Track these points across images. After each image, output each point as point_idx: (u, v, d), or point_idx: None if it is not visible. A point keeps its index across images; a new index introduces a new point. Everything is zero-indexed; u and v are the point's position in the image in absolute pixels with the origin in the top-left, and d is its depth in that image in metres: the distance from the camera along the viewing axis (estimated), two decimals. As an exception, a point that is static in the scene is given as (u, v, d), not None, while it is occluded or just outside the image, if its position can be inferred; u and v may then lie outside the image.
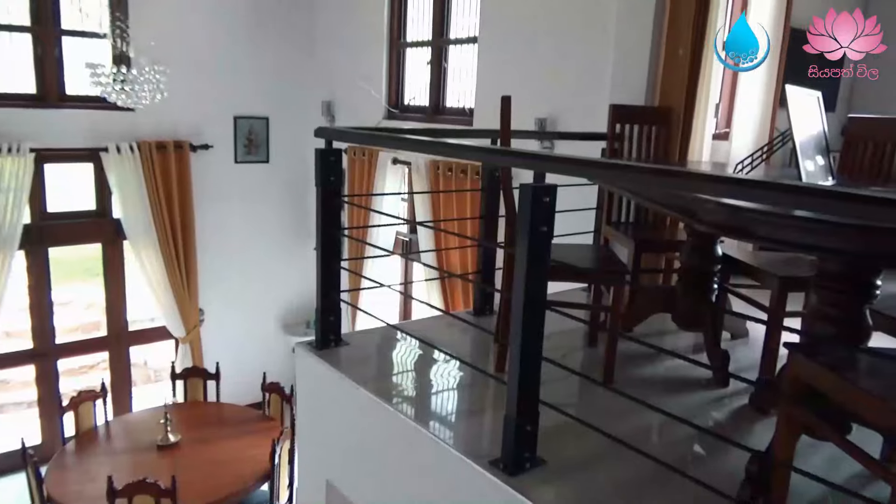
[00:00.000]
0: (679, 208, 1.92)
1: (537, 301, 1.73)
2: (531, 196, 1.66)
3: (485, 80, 4.66)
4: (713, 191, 1.49)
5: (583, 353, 2.86)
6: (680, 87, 3.53)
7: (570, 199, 3.27)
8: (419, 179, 5.23)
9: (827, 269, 1.85)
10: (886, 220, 1.29)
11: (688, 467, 1.96)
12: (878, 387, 1.47)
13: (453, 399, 2.50)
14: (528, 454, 1.82)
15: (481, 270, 3.09)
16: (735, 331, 3.04)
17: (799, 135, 2.03)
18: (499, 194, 2.74)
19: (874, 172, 2.66)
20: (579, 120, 3.93)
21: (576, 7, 3.99)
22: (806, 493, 1.81)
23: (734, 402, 2.43)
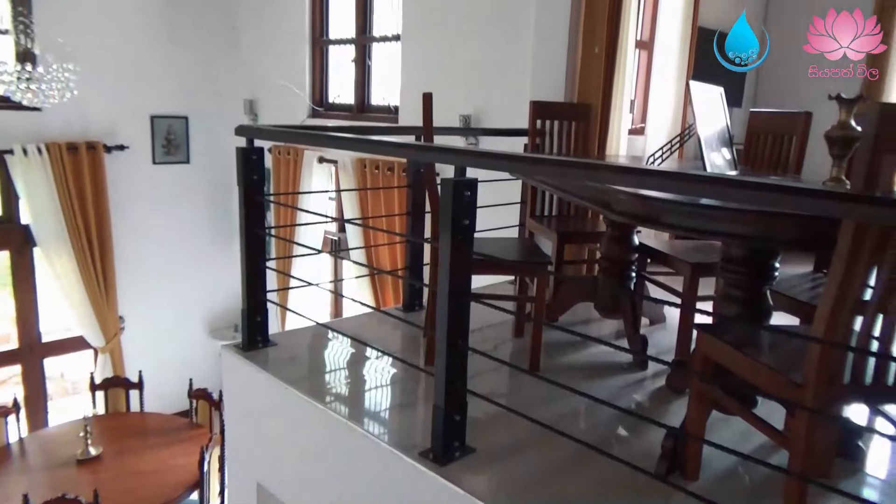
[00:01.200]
0: (595, 200, 2.00)
1: (461, 293, 1.77)
2: (452, 190, 1.69)
3: (409, 78, 4.68)
4: (621, 181, 1.57)
5: (511, 343, 2.93)
6: (597, 83, 3.66)
7: (495, 194, 3.35)
8: (346, 177, 5.20)
9: (730, 254, 1.97)
10: (780, 205, 1.39)
11: (610, 447, 2.05)
12: (776, 360, 1.58)
13: (385, 394, 2.52)
14: (458, 443, 1.86)
15: (410, 266, 3.11)
16: (653, 316, 3.18)
17: (703, 128, 2.15)
18: (425, 190, 2.77)
19: (773, 163, 2.85)
20: (503, 116, 4.01)
21: (496, 6, 4.06)
22: (718, 465, 1.93)
23: (653, 384, 2.55)
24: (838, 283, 1.33)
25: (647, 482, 1.75)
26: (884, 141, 1.27)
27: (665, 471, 1.81)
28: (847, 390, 1.44)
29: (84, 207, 5.75)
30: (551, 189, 2.44)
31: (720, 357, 1.71)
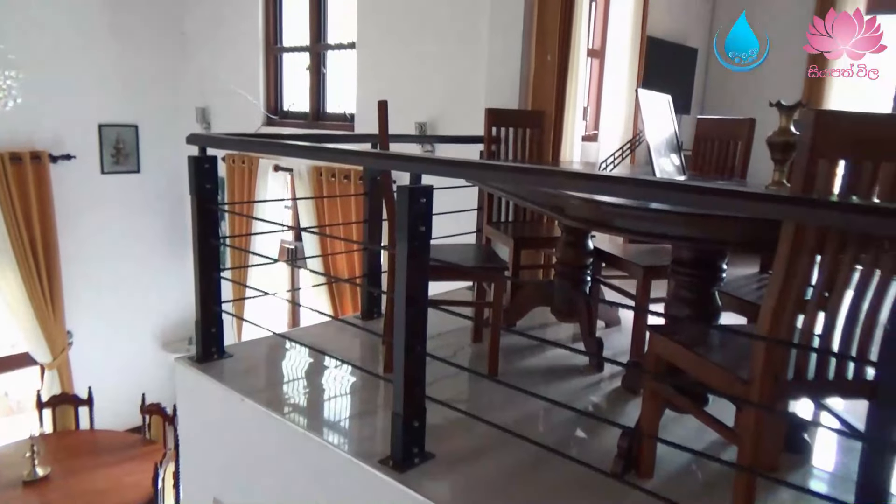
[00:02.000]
0: (549, 205, 2.03)
1: (418, 300, 1.77)
2: (408, 197, 1.70)
3: (365, 86, 4.68)
4: (572, 187, 1.60)
5: (470, 348, 2.94)
6: (550, 91, 3.72)
7: (452, 201, 3.37)
8: (302, 186, 5.16)
9: (680, 256, 2.03)
10: (723, 208, 1.44)
11: (569, 448, 2.08)
12: (724, 359, 1.63)
13: (344, 403, 2.50)
14: (417, 449, 1.86)
15: (367, 274, 3.11)
16: (609, 319, 3.24)
17: (652, 135, 2.21)
18: (381, 198, 2.77)
19: (720, 167, 2.94)
20: (459, 124, 4.04)
21: (451, 14, 4.10)
22: (672, 462, 1.97)
23: (609, 385, 2.60)
24: (780, 283, 1.39)
25: (604, 482, 1.78)
26: (819, 146, 1.33)
27: (621, 470, 1.85)
28: (791, 386, 1.50)
29: (29, 219, 5.56)
30: (507, 195, 2.47)
31: (672, 357, 1.76)
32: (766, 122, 2.45)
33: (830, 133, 1.34)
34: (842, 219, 1.14)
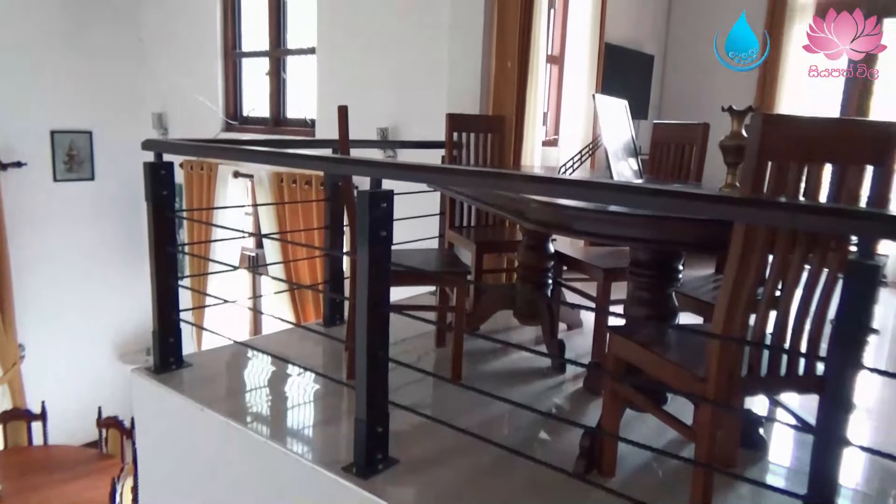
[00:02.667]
0: (510, 209, 2.04)
1: (380, 305, 1.77)
2: (368, 202, 1.70)
3: (326, 91, 4.65)
4: (531, 190, 1.62)
5: (434, 353, 2.95)
6: (510, 96, 3.76)
7: (414, 206, 3.38)
8: (263, 192, 5.10)
9: (638, 258, 2.07)
10: (674, 210, 1.48)
11: (532, 449, 2.10)
12: (681, 357, 1.67)
13: (307, 411, 2.47)
14: (381, 455, 1.85)
15: (329, 280, 3.08)
16: (570, 321, 3.28)
17: (609, 139, 2.25)
18: (343, 204, 2.76)
19: (676, 171, 3.00)
20: (421, 129, 4.05)
21: (411, 21, 4.11)
22: (633, 461, 2.01)
23: (571, 386, 2.62)
24: (732, 283, 1.42)
25: (567, 481, 1.80)
26: (767, 149, 1.37)
27: (583, 469, 1.87)
28: (745, 382, 1.54)
29: (-24, 229, 5.37)
30: (468, 200, 2.48)
31: (631, 357, 1.79)
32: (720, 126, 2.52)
33: (777, 136, 1.39)
34: (788, 219, 1.18)
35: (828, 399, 1.17)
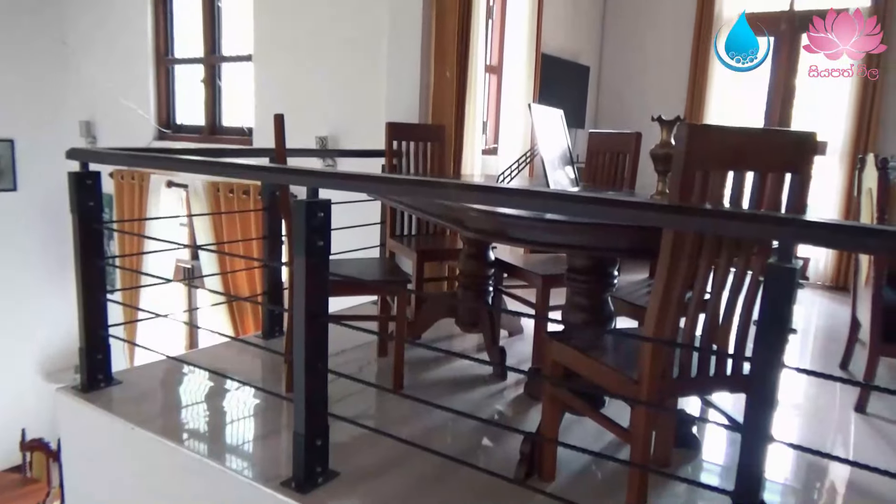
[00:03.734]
0: (449, 218, 2.05)
1: (319, 315, 1.74)
2: (305, 212, 1.67)
3: (263, 99, 4.58)
4: (465, 198, 1.63)
5: (376, 363, 2.92)
6: (450, 106, 3.78)
7: (355, 215, 3.35)
8: (198, 202, 4.97)
9: (574, 264, 2.11)
10: (602, 217, 1.51)
11: (475, 457, 2.10)
12: (616, 361, 1.71)
13: (245, 426, 2.41)
14: (321, 469, 1.82)
15: (268, 291, 3.02)
16: (512, 328, 3.31)
17: (545, 148, 2.29)
18: (280, 214, 2.71)
19: (611, 179, 3.08)
20: (361, 138, 4.03)
21: (350, 29, 4.09)
22: (573, 464, 2.04)
23: (513, 393, 2.65)
24: (662, 287, 1.47)
25: (508, 487, 1.81)
26: (693, 158, 1.42)
27: (524, 474, 1.89)
28: (677, 383, 1.59)
29: None
30: (408, 209, 2.48)
31: (568, 361, 1.82)
32: (652, 135, 2.60)
33: (702, 146, 1.44)
34: (711, 225, 1.22)
35: (752, 397, 1.22)
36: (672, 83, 5.52)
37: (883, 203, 2.78)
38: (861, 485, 2.10)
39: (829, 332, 3.85)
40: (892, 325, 2.57)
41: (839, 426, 2.60)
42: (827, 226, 1.09)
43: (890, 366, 3.18)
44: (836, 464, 2.18)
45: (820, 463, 2.20)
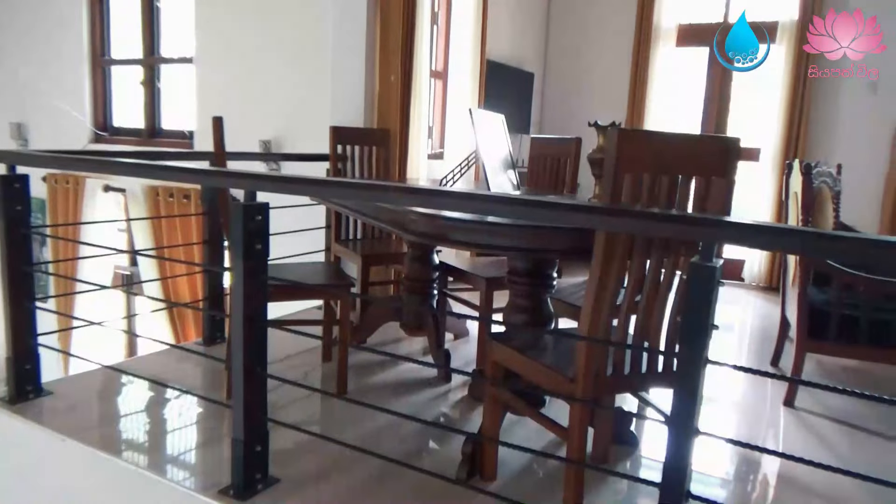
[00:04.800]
0: (391, 221, 2.05)
1: (257, 320, 1.73)
2: (242, 215, 1.66)
3: (205, 102, 4.48)
4: (404, 202, 1.65)
5: (321, 368, 2.90)
6: (395, 110, 3.80)
7: (302, 219, 3.33)
8: (137, 207, 4.83)
9: (515, 266, 2.14)
10: (542, 219, 1.55)
11: (420, 459, 2.11)
12: (554, 360, 1.74)
13: (185, 435, 2.36)
14: (260, 475, 1.80)
15: (209, 297, 2.97)
16: (457, 331, 3.34)
17: (486, 153, 2.32)
18: (220, 218, 2.67)
19: (553, 183, 3.14)
20: (306, 142, 3.99)
21: (293, 32, 4.05)
22: (514, 463, 2.07)
23: (457, 395, 2.67)
24: (595, 287, 1.51)
25: (450, 488, 1.83)
26: (623, 162, 1.47)
27: (466, 475, 1.91)
28: (611, 381, 1.63)
29: None
30: (351, 213, 2.47)
31: (508, 362, 1.85)
32: (593, 140, 2.66)
33: (632, 150, 1.49)
34: (639, 226, 1.27)
35: (678, 391, 1.26)
36: (614, 90, 5.67)
37: (808, 206, 2.93)
38: (788, 475, 2.20)
39: (763, 331, 4.01)
40: (818, 323, 2.69)
41: (770, 420, 2.71)
42: (743, 226, 1.15)
43: (818, 362, 3.34)
44: (766, 456, 2.28)
45: (751, 455, 2.29)
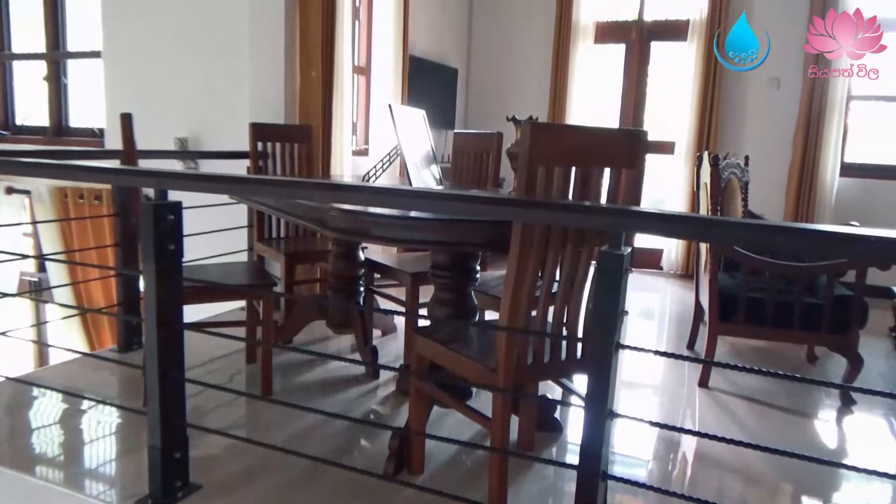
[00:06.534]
0: (311, 218, 2.03)
1: (172, 323, 1.67)
2: (153, 214, 1.60)
3: (115, 99, 4.29)
4: (318, 198, 1.63)
5: (246, 370, 2.84)
6: (316, 106, 3.74)
7: (225, 219, 3.24)
8: (43, 209, 4.58)
9: (437, 260, 2.16)
10: (461, 212, 1.57)
11: (349, 456, 2.10)
12: (475, 352, 1.77)
13: (102, 446, 2.26)
14: (180, 483, 1.75)
15: (123, 302, 2.85)
16: (385, 327, 3.33)
17: (407, 148, 2.33)
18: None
19: (476, 177, 3.18)
20: (225, 139, 3.88)
21: (207, 27, 3.93)
22: (442, 456, 2.09)
23: (385, 391, 2.67)
24: (513, 278, 1.54)
25: (378, 483, 1.83)
26: (536, 155, 1.51)
27: (393, 470, 1.91)
28: (531, 369, 1.67)
29: None
30: (271, 210, 2.43)
31: (432, 355, 1.86)
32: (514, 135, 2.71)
33: (544, 143, 1.53)
34: (548, 216, 1.30)
35: (591, 375, 1.31)
36: (537, 86, 5.78)
37: (716, 195, 3.08)
38: (703, 453, 2.31)
39: (680, 316, 4.20)
40: (727, 307, 2.84)
41: (687, 401, 2.84)
42: (645, 215, 1.20)
43: (732, 344, 3.53)
44: (683, 435, 2.39)
45: (670, 436, 2.40)
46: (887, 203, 4.88)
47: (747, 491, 2.09)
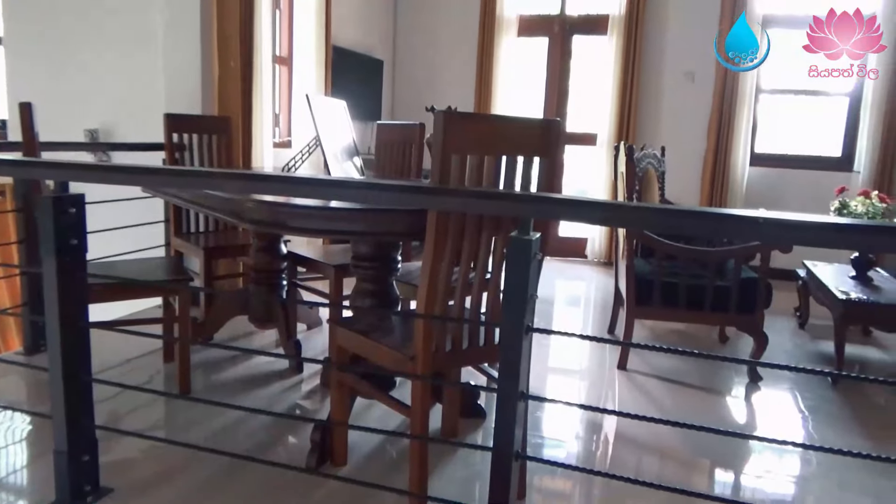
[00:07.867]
0: (226, 210, 1.98)
1: (76, 322, 1.60)
2: (52, 208, 1.53)
3: (19, 88, 4.04)
4: (229, 188, 1.60)
5: (165, 369, 2.75)
6: (236, 97, 3.65)
7: (140, 213, 3.11)
8: (-58, 206, 4.28)
9: (358, 251, 2.15)
10: (376, 202, 1.57)
11: (273, 451, 2.07)
12: (395, 340, 1.77)
13: (9, 453, 2.14)
14: (90, 487, 1.68)
15: (29, 301, 2.70)
16: (310, 321, 3.29)
17: (327, 139, 2.30)
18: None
19: (399, 168, 3.18)
20: (139, 131, 3.72)
21: (118, 14, 3.76)
22: (366, 446, 2.09)
23: (309, 384, 2.65)
24: (429, 266, 1.55)
25: (300, 477, 1.82)
26: (449, 144, 1.52)
27: (315, 463, 1.90)
28: (449, 356, 1.69)
29: None
30: (185, 204, 2.35)
31: (352, 346, 1.86)
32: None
33: (458, 132, 1.54)
34: (459, 203, 1.32)
35: (503, 359, 1.34)
36: (462, 77, 5.81)
37: (632, 184, 3.19)
38: (621, 431, 2.40)
39: (602, 302, 4.33)
40: (644, 291, 2.95)
41: (607, 382, 2.94)
42: (553, 200, 1.23)
43: (650, 328, 3.67)
44: (603, 416, 2.47)
45: (591, 416, 2.48)
46: (794, 190, 5.17)
47: (663, 466, 2.18)
